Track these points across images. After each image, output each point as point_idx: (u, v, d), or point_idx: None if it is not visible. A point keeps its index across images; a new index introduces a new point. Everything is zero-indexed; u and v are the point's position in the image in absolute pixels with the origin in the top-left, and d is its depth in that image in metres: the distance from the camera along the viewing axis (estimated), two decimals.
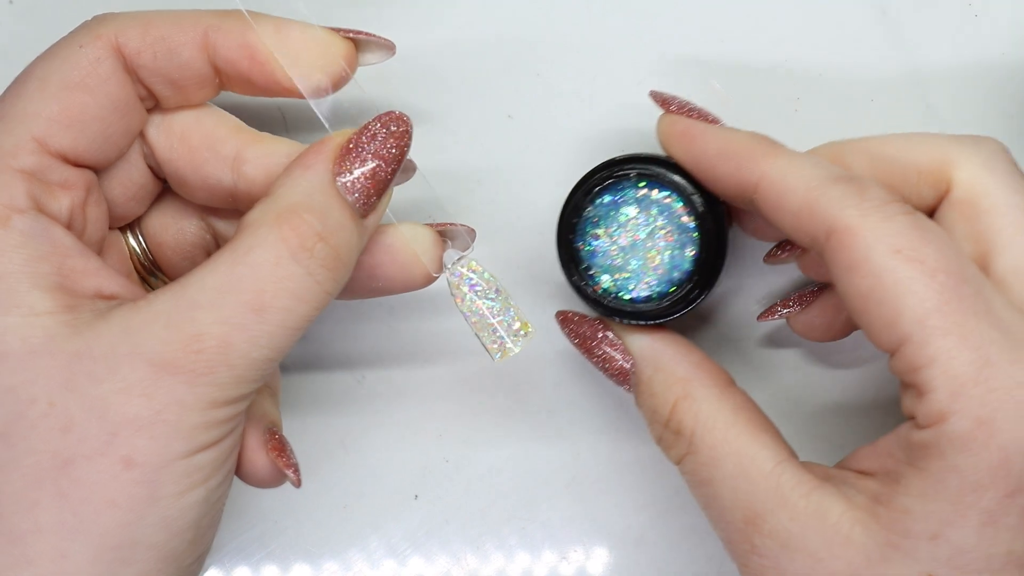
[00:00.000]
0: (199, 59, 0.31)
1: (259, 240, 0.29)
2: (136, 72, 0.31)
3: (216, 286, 0.28)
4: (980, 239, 0.30)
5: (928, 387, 0.27)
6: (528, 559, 0.41)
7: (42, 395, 0.28)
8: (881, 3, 0.40)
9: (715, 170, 0.32)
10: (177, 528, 0.29)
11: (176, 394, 0.28)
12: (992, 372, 0.27)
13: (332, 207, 0.30)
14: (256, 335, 0.28)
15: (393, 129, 0.30)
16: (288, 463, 0.33)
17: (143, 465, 0.28)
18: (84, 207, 0.31)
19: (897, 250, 0.28)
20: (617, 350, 0.34)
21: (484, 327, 0.33)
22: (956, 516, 0.27)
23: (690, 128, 0.33)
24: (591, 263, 0.34)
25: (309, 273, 0.29)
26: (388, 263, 0.33)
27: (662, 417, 0.33)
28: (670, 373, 0.33)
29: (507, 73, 0.40)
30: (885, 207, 0.29)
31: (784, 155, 0.31)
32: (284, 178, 0.30)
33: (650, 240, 0.34)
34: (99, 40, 0.30)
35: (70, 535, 0.28)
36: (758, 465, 0.31)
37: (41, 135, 0.30)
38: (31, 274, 0.29)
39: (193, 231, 0.35)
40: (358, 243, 0.31)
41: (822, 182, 0.29)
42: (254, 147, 0.33)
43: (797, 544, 0.29)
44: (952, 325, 0.27)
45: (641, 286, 0.34)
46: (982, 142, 0.31)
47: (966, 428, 0.27)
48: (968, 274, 0.28)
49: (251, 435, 0.33)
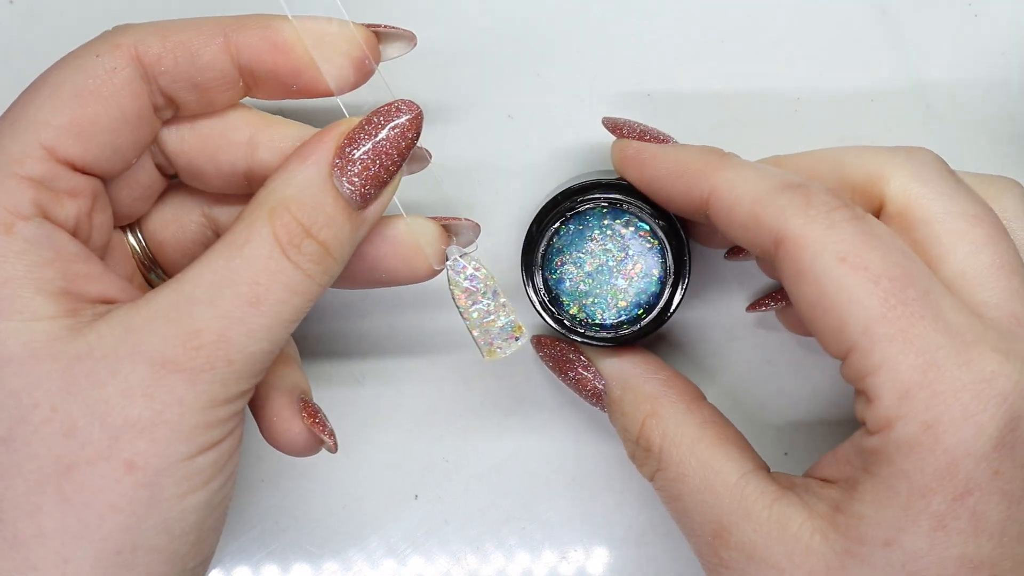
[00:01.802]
0: (221, 59, 0.31)
1: (253, 234, 0.29)
2: (157, 79, 0.31)
3: (213, 280, 0.28)
4: (920, 250, 0.30)
5: (875, 393, 0.27)
6: (528, 559, 0.41)
7: (44, 400, 0.28)
8: (881, 3, 0.40)
9: (668, 190, 0.32)
10: (179, 531, 0.29)
11: (177, 393, 0.28)
12: (937, 375, 0.27)
13: (324, 201, 0.29)
14: (254, 328, 0.28)
15: (398, 120, 0.30)
16: (324, 429, 0.33)
17: (144, 468, 0.28)
18: (90, 214, 0.31)
19: (842, 258, 0.28)
20: (590, 372, 0.35)
21: (477, 325, 0.33)
22: (908, 522, 0.27)
23: (640, 151, 0.34)
24: (558, 291, 0.35)
25: (299, 268, 0.29)
26: (391, 254, 0.33)
27: (632, 435, 0.34)
28: (639, 392, 0.34)
29: (507, 73, 0.40)
30: (831, 214, 0.28)
31: (732, 167, 0.31)
32: (281, 169, 0.30)
33: (616, 266, 0.34)
34: (117, 50, 0.30)
35: (73, 540, 0.28)
36: (723, 478, 0.31)
37: (50, 143, 0.29)
38: (35, 280, 0.29)
39: (194, 228, 0.35)
40: (351, 236, 0.30)
41: (768, 191, 0.29)
42: (267, 131, 0.32)
43: (761, 555, 0.29)
44: (896, 331, 0.27)
45: (609, 312, 0.35)
46: (912, 153, 0.31)
47: (912, 433, 0.27)
48: (915, 277, 0.28)
49: (284, 405, 0.33)
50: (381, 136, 0.30)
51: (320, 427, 0.33)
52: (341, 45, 0.31)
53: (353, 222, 0.30)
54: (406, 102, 0.30)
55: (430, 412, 0.41)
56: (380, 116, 0.30)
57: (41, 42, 0.31)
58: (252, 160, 0.32)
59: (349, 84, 0.32)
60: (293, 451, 0.33)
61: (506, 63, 0.40)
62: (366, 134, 0.30)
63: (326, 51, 0.31)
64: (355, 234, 0.31)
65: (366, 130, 0.30)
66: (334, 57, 0.31)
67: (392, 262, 0.33)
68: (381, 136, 0.30)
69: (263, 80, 0.32)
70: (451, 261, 0.33)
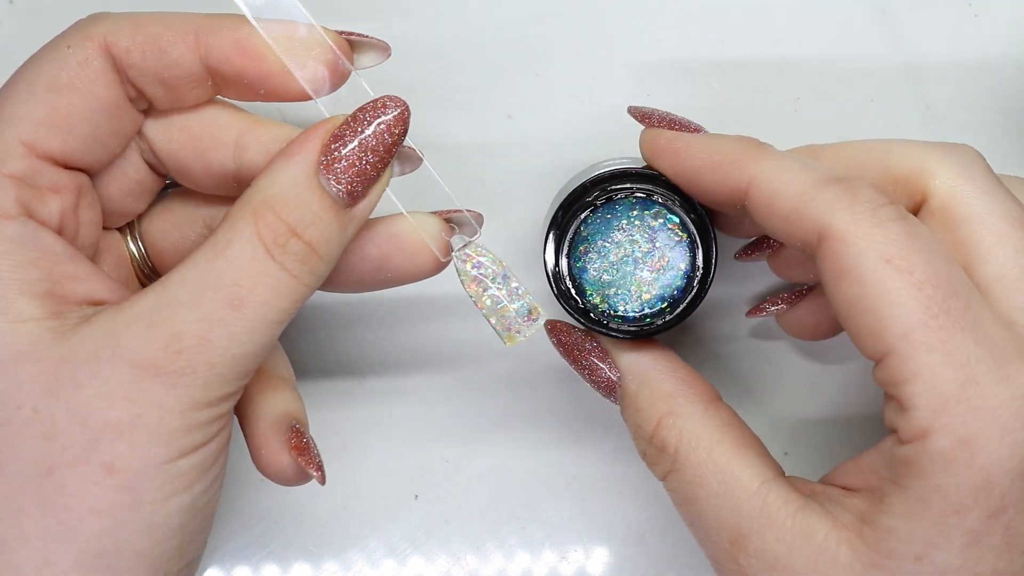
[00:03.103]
0: (189, 58, 0.31)
1: (236, 234, 0.28)
2: (126, 72, 0.31)
3: (195, 282, 0.28)
4: (960, 249, 0.29)
5: (910, 403, 0.27)
6: (528, 559, 0.40)
7: (27, 402, 0.28)
8: (881, 3, 0.40)
9: (703, 181, 0.32)
10: (162, 535, 0.29)
11: (156, 396, 0.28)
12: (975, 390, 0.27)
13: (310, 200, 0.29)
14: (235, 331, 0.28)
15: (384, 116, 0.29)
16: (312, 462, 0.32)
17: (124, 471, 0.28)
18: (76, 211, 0.31)
19: (887, 259, 0.27)
20: (604, 362, 0.34)
21: (493, 312, 0.33)
22: (940, 537, 0.27)
23: (673, 140, 0.33)
24: (581, 280, 0.34)
25: (284, 268, 0.29)
26: (396, 253, 0.32)
27: (646, 433, 0.33)
28: (656, 388, 0.33)
29: (507, 73, 0.40)
30: (877, 211, 0.28)
31: (773, 157, 0.30)
32: (267, 169, 0.30)
33: (643, 258, 0.34)
34: (88, 41, 0.30)
35: (54, 542, 0.27)
36: (743, 484, 0.30)
37: (29, 138, 0.29)
38: (19, 280, 0.28)
39: (194, 238, 0.35)
40: (339, 235, 0.30)
41: (813, 184, 0.29)
42: (255, 132, 0.32)
43: (784, 565, 0.29)
44: (937, 341, 0.27)
45: (632, 304, 0.34)
46: (957, 150, 0.31)
47: (948, 447, 0.27)
48: (958, 287, 0.27)
49: (271, 437, 0.32)
50: (367, 132, 0.29)
51: (307, 460, 0.32)
52: (312, 49, 0.31)
53: (341, 221, 0.30)
54: (392, 98, 0.30)
55: (430, 412, 0.40)
56: (366, 113, 0.30)
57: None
58: (240, 161, 0.32)
59: (325, 87, 0.31)
60: (281, 482, 0.33)
61: (506, 63, 0.40)
62: (352, 131, 0.29)
63: (297, 55, 0.31)
64: (343, 233, 0.30)
65: (352, 127, 0.29)
66: (306, 61, 0.31)
67: (397, 259, 0.32)
68: (367, 132, 0.29)
69: (232, 82, 0.31)
70: (456, 251, 0.33)
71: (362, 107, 0.30)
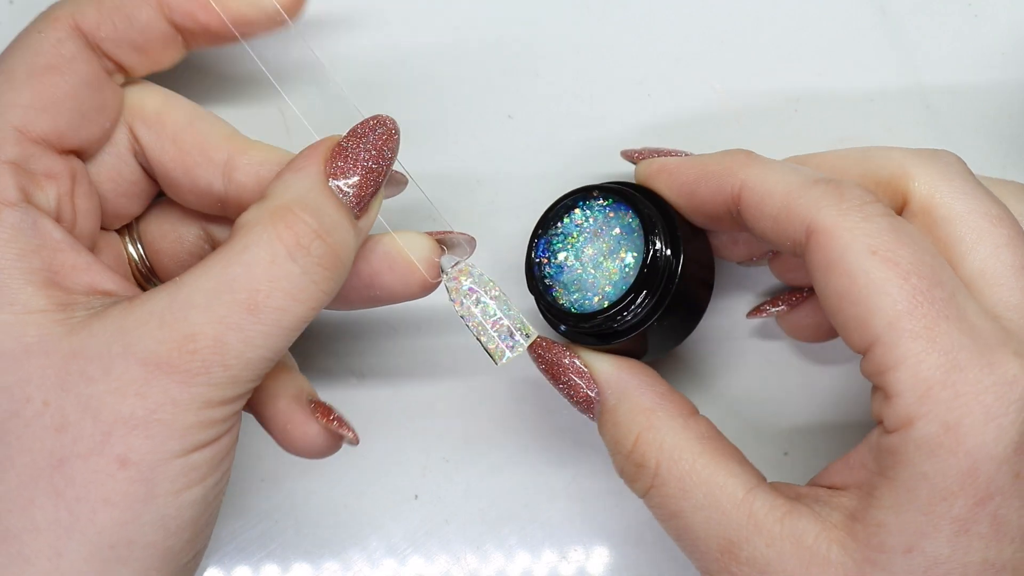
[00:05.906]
0: (157, 18, 0.32)
1: (254, 239, 0.29)
2: (100, 46, 0.31)
3: (210, 286, 0.28)
4: (942, 247, 0.30)
5: (895, 389, 0.27)
6: (528, 559, 0.41)
7: (37, 394, 0.28)
8: (881, 3, 0.40)
9: (698, 193, 0.32)
10: (174, 527, 0.29)
11: (170, 394, 0.28)
12: (960, 376, 0.27)
13: (327, 205, 0.30)
14: (251, 335, 0.28)
15: (380, 131, 0.31)
16: (342, 424, 0.33)
17: (138, 464, 0.28)
18: (72, 198, 0.31)
19: (873, 251, 0.28)
20: (583, 378, 0.34)
21: (483, 331, 0.33)
22: (929, 527, 0.27)
23: (665, 164, 0.34)
24: (555, 280, 0.34)
25: (305, 272, 0.29)
26: (386, 271, 0.33)
27: (625, 448, 0.33)
28: (635, 403, 0.33)
29: (507, 73, 0.40)
30: (864, 207, 0.29)
31: (761, 163, 0.31)
32: (277, 181, 0.30)
33: (610, 255, 0.34)
34: (57, 23, 0.31)
35: (66, 533, 0.28)
36: (729, 493, 0.30)
37: (20, 123, 0.30)
38: (23, 269, 0.29)
39: (191, 240, 0.35)
40: (355, 243, 0.31)
41: (801, 184, 0.30)
42: (246, 154, 0.33)
43: (776, 570, 0.29)
44: (922, 328, 0.27)
45: (596, 299, 0.34)
46: (937, 155, 0.31)
47: (933, 433, 0.27)
48: (943, 277, 0.28)
49: (296, 411, 0.33)
50: (366, 146, 0.30)
51: (338, 423, 0.33)
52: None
53: (355, 228, 0.30)
54: (376, 117, 0.31)
55: (430, 412, 0.41)
56: (361, 127, 0.31)
57: None
58: (228, 182, 0.33)
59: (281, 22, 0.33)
60: (313, 454, 0.33)
61: (506, 63, 0.40)
62: (353, 144, 0.30)
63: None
64: (356, 242, 0.31)
65: (352, 141, 0.30)
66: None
67: (387, 278, 0.33)
68: (366, 146, 0.30)
69: (199, 35, 0.33)
70: (448, 272, 0.33)
71: (357, 125, 0.31)
